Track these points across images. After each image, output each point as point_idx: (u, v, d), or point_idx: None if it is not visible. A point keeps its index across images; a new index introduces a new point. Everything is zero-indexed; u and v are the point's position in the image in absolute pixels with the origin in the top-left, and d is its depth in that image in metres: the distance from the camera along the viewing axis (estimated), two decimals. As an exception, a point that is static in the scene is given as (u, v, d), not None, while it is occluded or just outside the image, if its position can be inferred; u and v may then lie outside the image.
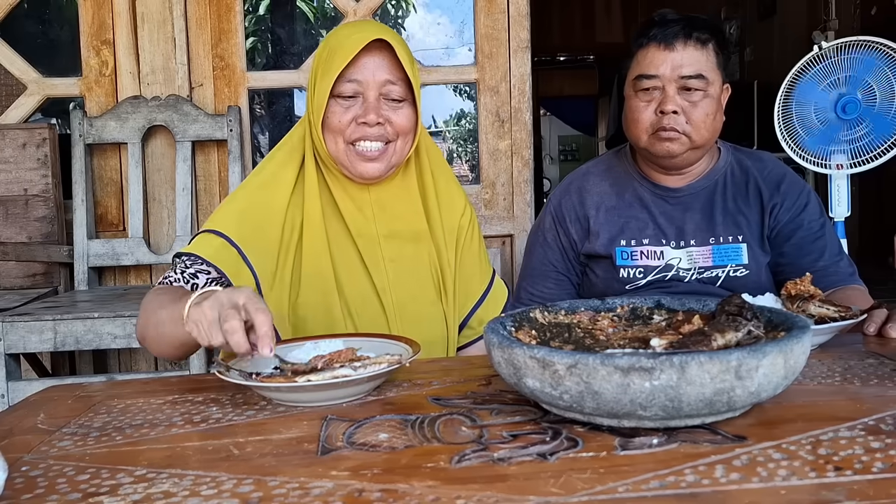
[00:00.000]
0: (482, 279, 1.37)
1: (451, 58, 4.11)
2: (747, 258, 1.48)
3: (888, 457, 0.66)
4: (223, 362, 0.95)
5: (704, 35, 1.43)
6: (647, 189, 1.55)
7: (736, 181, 1.53)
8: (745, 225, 1.50)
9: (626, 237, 1.52)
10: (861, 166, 2.41)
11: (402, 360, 0.93)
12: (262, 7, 8.51)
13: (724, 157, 1.56)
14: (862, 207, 4.88)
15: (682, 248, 1.50)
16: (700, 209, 1.51)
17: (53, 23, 6.75)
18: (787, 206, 1.50)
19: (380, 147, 1.20)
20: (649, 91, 1.44)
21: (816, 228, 1.50)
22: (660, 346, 0.80)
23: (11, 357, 1.85)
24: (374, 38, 1.16)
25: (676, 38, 1.42)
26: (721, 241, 1.49)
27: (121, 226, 2.35)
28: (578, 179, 1.62)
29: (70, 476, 0.70)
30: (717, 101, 1.45)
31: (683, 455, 0.68)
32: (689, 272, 1.49)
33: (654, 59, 1.43)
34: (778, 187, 1.51)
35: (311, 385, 0.86)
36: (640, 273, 1.50)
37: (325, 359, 0.93)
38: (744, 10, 6.92)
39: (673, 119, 1.42)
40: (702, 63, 1.42)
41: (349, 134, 1.19)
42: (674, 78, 1.42)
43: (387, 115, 1.19)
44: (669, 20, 1.44)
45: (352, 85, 1.18)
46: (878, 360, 0.99)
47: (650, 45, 1.44)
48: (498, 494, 0.61)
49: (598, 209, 1.56)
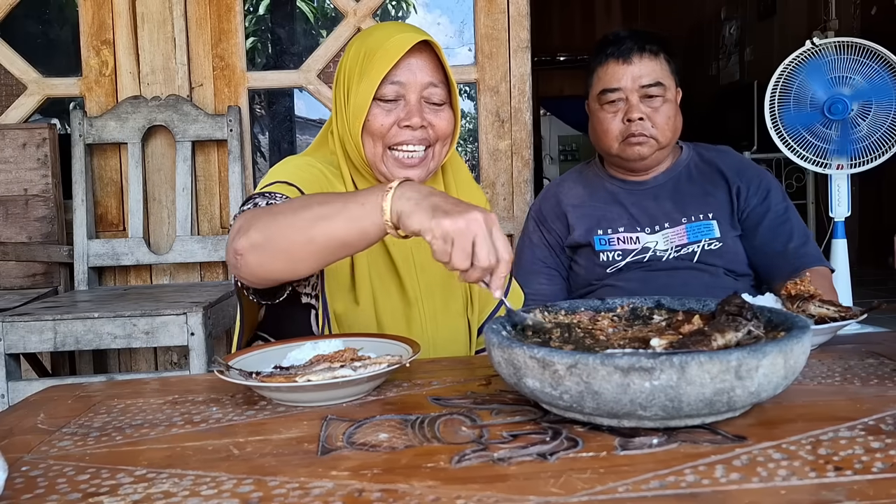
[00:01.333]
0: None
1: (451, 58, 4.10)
2: (719, 232, 1.57)
3: (888, 457, 0.66)
4: (223, 362, 0.95)
5: (655, 47, 1.58)
6: (617, 185, 1.68)
7: (700, 169, 1.66)
8: (713, 203, 1.60)
9: (602, 227, 1.63)
10: (861, 166, 2.41)
11: (402, 361, 0.93)
12: (262, 7, 8.50)
13: (686, 151, 1.69)
14: (862, 207, 4.89)
15: (657, 233, 1.60)
16: (669, 196, 1.63)
17: (53, 23, 6.75)
18: (753, 191, 1.60)
19: (421, 153, 1.17)
20: (615, 103, 1.58)
21: (782, 212, 1.60)
22: (660, 346, 0.80)
23: (11, 357, 1.85)
24: (419, 39, 1.13)
25: (632, 52, 1.56)
26: (693, 220, 1.59)
27: (121, 226, 2.35)
28: (554, 187, 1.76)
29: (70, 476, 0.70)
30: (674, 104, 1.59)
31: (683, 455, 0.68)
32: (666, 252, 1.58)
33: (615, 74, 1.57)
34: (739, 173, 1.62)
35: (311, 385, 0.86)
36: (619, 256, 1.60)
37: (326, 358, 0.94)
38: (744, 10, 6.92)
39: (640, 125, 1.56)
40: (658, 72, 1.57)
41: (390, 137, 1.16)
42: (635, 88, 1.56)
43: (429, 118, 1.16)
44: (622, 37, 1.59)
45: (394, 87, 1.15)
46: (878, 360, 0.99)
47: (609, 61, 1.58)
48: (498, 494, 0.61)
49: (574, 206, 1.68)
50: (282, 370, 0.93)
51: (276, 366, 0.95)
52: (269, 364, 0.96)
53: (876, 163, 2.39)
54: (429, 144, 1.17)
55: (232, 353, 1.01)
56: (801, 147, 2.44)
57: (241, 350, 1.03)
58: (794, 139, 2.43)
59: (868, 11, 5.19)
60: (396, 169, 1.16)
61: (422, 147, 1.17)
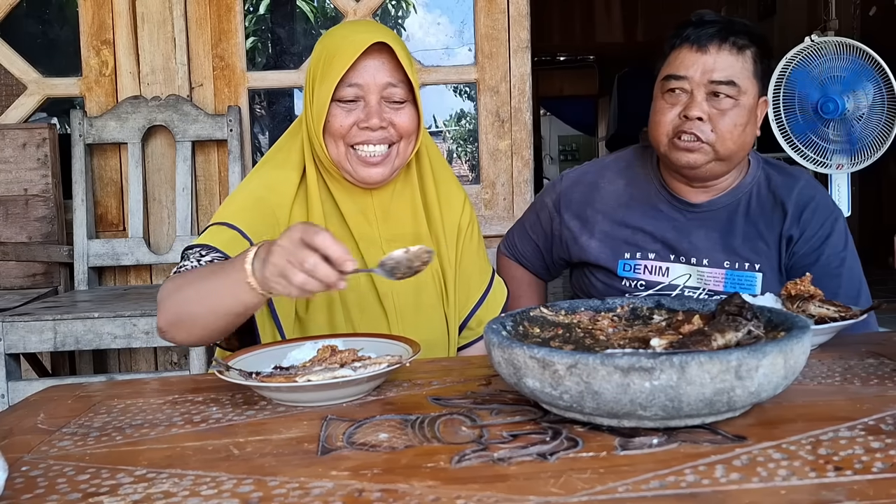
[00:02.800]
0: (481, 279, 1.37)
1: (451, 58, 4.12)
2: (761, 290, 1.37)
3: (888, 457, 0.66)
4: (223, 362, 0.95)
5: (742, 41, 1.34)
6: (663, 198, 1.45)
7: (762, 201, 1.41)
8: (763, 252, 1.39)
9: (630, 251, 1.44)
10: (858, 165, 2.42)
11: (402, 361, 0.93)
12: (262, 7, 8.49)
13: (753, 171, 1.44)
14: (862, 207, 4.88)
15: (692, 266, 1.41)
16: (719, 228, 1.41)
17: (53, 23, 6.74)
18: (807, 237, 1.38)
19: (383, 151, 1.18)
20: (675, 93, 1.35)
21: (835, 265, 1.38)
22: (660, 346, 0.80)
23: (11, 357, 1.85)
24: (374, 41, 1.15)
25: (711, 41, 1.33)
26: (737, 267, 1.39)
27: (121, 226, 2.35)
28: (594, 172, 1.53)
29: (70, 476, 0.70)
30: (748, 112, 1.34)
31: (683, 455, 0.68)
32: (696, 292, 1.40)
33: (684, 61, 1.35)
34: (801, 213, 1.39)
35: (311, 385, 0.86)
36: (642, 286, 1.43)
37: (328, 359, 0.94)
38: (744, 10, 6.91)
39: (696, 126, 1.33)
40: (735, 69, 1.33)
41: (351, 138, 1.18)
42: (703, 82, 1.33)
43: (389, 117, 1.18)
44: (706, 21, 1.36)
45: (353, 89, 1.16)
46: (878, 360, 0.99)
47: (683, 45, 1.35)
48: (498, 494, 0.61)
49: (604, 214, 1.47)
50: (282, 370, 0.93)
51: (276, 366, 0.95)
52: (269, 364, 0.97)
53: (872, 159, 2.40)
54: (392, 142, 1.19)
55: (231, 353, 1.01)
56: (804, 146, 2.44)
57: (240, 350, 1.03)
58: (799, 139, 2.44)
59: (868, 11, 5.18)
60: (360, 167, 1.18)
61: (383, 146, 1.18)
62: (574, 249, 1.51)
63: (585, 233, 1.49)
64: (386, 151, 1.19)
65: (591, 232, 1.48)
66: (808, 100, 2.39)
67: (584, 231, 1.49)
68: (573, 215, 1.51)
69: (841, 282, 1.37)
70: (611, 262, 1.45)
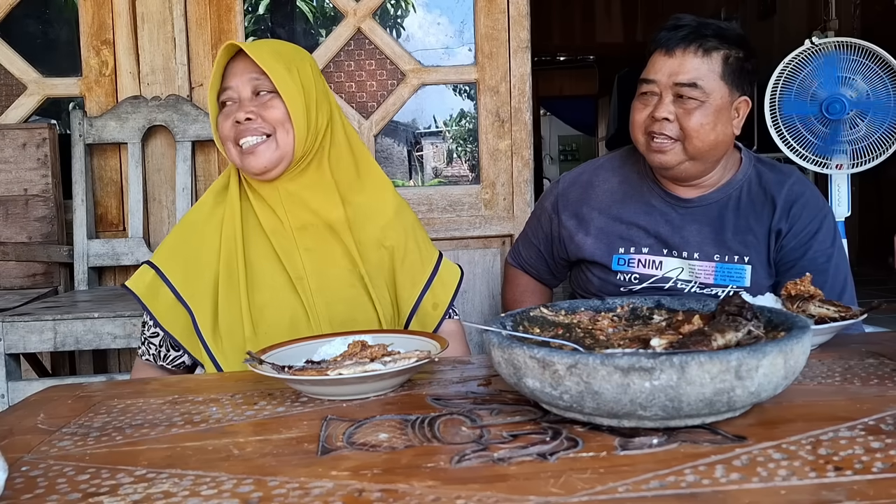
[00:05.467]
0: (424, 266, 1.39)
1: (451, 58, 4.10)
2: (750, 280, 1.43)
3: (888, 457, 0.66)
4: (256, 356, 0.96)
5: (711, 43, 1.39)
6: (656, 194, 1.50)
7: (752, 196, 1.47)
8: (753, 245, 1.44)
9: (623, 246, 1.49)
10: (860, 166, 2.42)
11: (430, 356, 0.94)
12: (261, 7, 8.49)
13: (745, 168, 1.49)
14: (862, 207, 4.88)
15: (684, 259, 1.46)
16: (709, 223, 1.46)
17: (53, 23, 6.74)
18: (796, 232, 1.43)
19: (258, 140, 1.25)
20: (647, 95, 1.43)
21: (822, 260, 1.43)
22: (660, 346, 0.80)
23: (11, 357, 1.85)
24: (228, 43, 1.27)
25: (678, 45, 1.39)
26: (726, 260, 1.44)
27: (121, 226, 2.35)
28: (589, 172, 1.60)
29: (70, 476, 0.70)
30: (717, 112, 1.39)
31: (683, 455, 0.68)
32: (688, 284, 1.45)
33: (654, 64, 1.42)
34: (790, 209, 1.44)
35: (343, 378, 0.88)
36: (636, 279, 1.48)
37: (358, 353, 0.96)
38: (744, 9, 6.92)
39: (665, 126, 1.39)
40: (700, 71, 1.38)
41: (234, 136, 1.26)
42: (669, 84, 1.39)
43: (257, 110, 1.25)
44: (678, 25, 1.42)
45: (227, 92, 1.28)
46: (878, 360, 0.99)
47: (656, 50, 1.43)
48: (498, 494, 0.61)
49: (599, 211, 1.53)
50: (313, 364, 0.94)
51: (307, 360, 0.97)
52: (301, 358, 0.99)
53: (875, 162, 2.40)
54: (267, 133, 1.26)
55: (265, 347, 1.04)
56: (799, 145, 2.44)
57: (273, 345, 1.06)
58: (792, 135, 2.44)
59: (868, 11, 5.19)
60: (245, 160, 1.26)
61: (257, 136, 1.25)
62: (571, 248, 1.56)
63: (581, 230, 1.54)
64: (261, 140, 1.26)
65: (586, 229, 1.54)
66: (817, 96, 2.39)
67: (581, 229, 1.55)
68: (570, 215, 1.56)
69: (827, 277, 1.42)
70: (605, 258, 1.50)
